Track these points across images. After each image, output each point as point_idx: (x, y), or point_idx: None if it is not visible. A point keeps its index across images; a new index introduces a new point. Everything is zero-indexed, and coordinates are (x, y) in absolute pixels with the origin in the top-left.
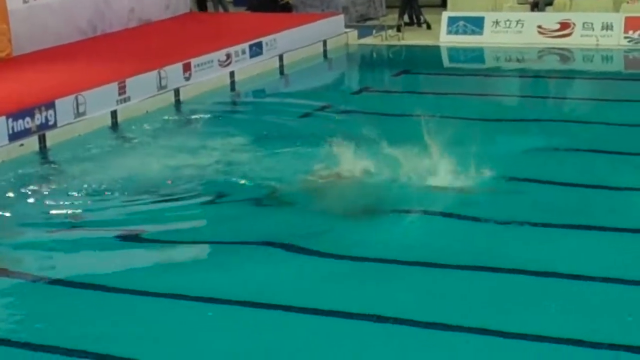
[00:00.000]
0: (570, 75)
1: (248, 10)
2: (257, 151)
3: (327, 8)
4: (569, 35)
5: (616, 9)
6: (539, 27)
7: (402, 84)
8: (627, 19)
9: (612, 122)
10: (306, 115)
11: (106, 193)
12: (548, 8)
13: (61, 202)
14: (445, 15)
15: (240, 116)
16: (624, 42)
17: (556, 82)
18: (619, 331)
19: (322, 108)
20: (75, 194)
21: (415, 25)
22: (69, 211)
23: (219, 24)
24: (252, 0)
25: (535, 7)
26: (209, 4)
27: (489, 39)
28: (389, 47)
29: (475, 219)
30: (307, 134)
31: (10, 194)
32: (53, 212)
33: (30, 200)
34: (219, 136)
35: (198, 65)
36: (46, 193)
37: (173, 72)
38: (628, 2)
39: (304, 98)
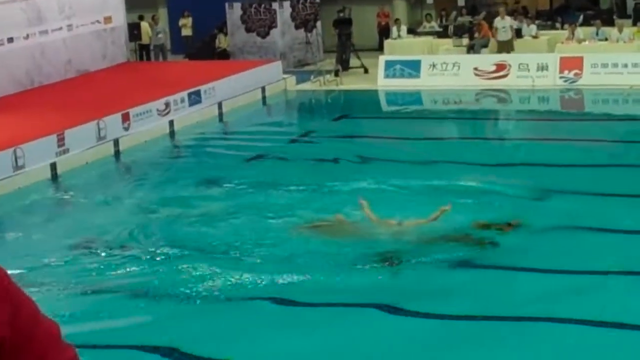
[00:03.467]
0: (507, 116)
1: (186, 57)
2: (198, 199)
3: (264, 55)
4: (505, 76)
5: (551, 49)
6: (476, 69)
7: (341, 129)
8: (562, 59)
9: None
10: (247, 160)
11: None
12: (484, 50)
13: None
14: (382, 59)
15: (181, 164)
16: (560, 82)
17: (494, 123)
18: None
19: (262, 154)
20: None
21: (342, 70)
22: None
23: (157, 72)
24: (189, 48)
25: (471, 49)
26: (151, 53)
27: (426, 82)
28: (328, 92)
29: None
30: (250, 180)
31: None
32: None
33: None
34: (160, 185)
35: (137, 115)
36: None
37: (112, 122)
38: (562, 43)
39: (244, 145)
